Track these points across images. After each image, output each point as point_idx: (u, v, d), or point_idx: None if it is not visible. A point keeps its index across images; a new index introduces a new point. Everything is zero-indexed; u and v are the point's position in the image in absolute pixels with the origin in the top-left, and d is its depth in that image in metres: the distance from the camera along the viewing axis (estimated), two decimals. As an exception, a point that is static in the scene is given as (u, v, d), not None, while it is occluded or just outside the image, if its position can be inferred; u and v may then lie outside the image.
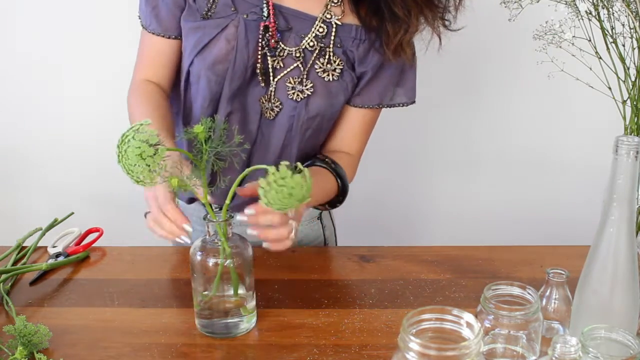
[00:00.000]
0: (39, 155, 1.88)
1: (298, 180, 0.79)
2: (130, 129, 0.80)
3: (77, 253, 1.17)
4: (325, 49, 1.09)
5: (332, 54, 1.10)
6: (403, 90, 1.18)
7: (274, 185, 0.78)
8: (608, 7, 1.03)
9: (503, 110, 1.84)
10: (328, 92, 1.11)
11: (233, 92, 1.09)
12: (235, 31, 1.06)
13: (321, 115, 1.13)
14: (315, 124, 1.13)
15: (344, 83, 1.12)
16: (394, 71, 1.15)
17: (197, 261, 0.91)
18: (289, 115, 1.11)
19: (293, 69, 1.09)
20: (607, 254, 0.78)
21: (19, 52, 1.82)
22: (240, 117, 1.12)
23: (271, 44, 1.07)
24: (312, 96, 1.10)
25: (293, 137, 1.13)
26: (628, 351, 0.70)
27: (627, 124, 1.05)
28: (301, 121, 1.12)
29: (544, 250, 1.17)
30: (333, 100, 1.12)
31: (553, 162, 1.88)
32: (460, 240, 1.35)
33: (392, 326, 0.95)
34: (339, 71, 1.10)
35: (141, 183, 0.81)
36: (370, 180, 1.88)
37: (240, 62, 1.07)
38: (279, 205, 0.80)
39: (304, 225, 1.26)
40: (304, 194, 0.80)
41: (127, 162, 0.79)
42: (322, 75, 1.10)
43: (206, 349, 0.91)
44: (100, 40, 1.78)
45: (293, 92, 1.09)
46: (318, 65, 1.09)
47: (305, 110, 1.10)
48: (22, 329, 0.87)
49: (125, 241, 1.23)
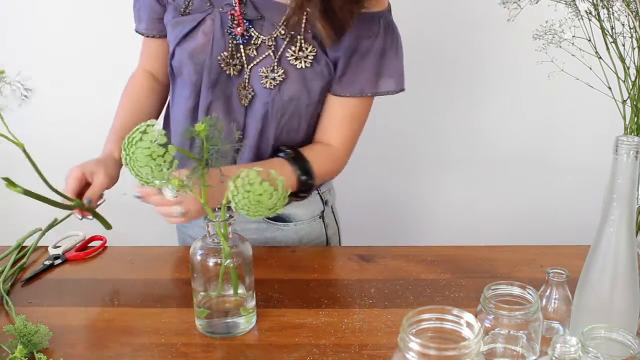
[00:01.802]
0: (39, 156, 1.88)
1: (266, 188, 0.77)
2: (135, 130, 0.79)
3: (77, 259, 1.17)
4: (296, 36, 1.10)
5: (304, 40, 1.10)
6: (388, 78, 1.15)
7: (241, 190, 0.77)
8: (608, 7, 1.03)
9: (503, 110, 1.84)
10: (302, 78, 1.11)
11: (212, 81, 1.13)
12: (212, 24, 1.12)
13: (296, 100, 1.13)
14: (291, 109, 1.14)
15: (319, 68, 1.12)
16: (373, 58, 1.13)
17: (197, 261, 0.91)
18: (263, 102, 1.12)
19: (265, 57, 1.11)
20: (607, 254, 0.78)
21: (19, 52, 1.82)
22: (222, 106, 1.14)
23: (237, 32, 1.10)
24: (285, 82, 1.11)
25: (269, 123, 1.14)
26: (628, 351, 0.70)
27: (627, 124, 1.05)
28: (276, 107, 1.12)
29: (544, 250, 1.17)
30: (308, 85, 1.12)
31: (553, 162, 1.88)
32: (460, 240, 1.35)
33: (392, 326, 0.95)
34: (312, 57, 1.10)
35: (151, 184, 0.81)
36: (371, 180, 1.88)
37: (217, 53, 1.12)
38: (247, 210, 0.78)
39: (305, 224, 1.26)
40: (274, 203, 0.78)
41: (136, 164, 0.79)
42: (294, 62, 1.10)
43: (206, 349, 0.91)
44: (101, 40, 1.79)
45: (266, 80, 1.11)
46: (289, 53, 1.10)
47: (279, 96, 1.11)
48: (22, 328, 0.87)
49: (125, 241, 1.23)
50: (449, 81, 1.82)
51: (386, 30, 1.12)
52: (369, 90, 1.15)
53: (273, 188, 0.78)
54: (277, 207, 0.79)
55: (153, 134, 0.78)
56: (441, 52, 1.79)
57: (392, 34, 1.13)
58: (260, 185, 0.77)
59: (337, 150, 1.20)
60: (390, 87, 1.16)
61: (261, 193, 0.77)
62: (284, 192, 0.79)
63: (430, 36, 1.74)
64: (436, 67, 1.80)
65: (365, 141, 1.23)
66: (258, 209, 0.78)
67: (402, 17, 1.17)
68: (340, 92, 1.15)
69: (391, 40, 1.13)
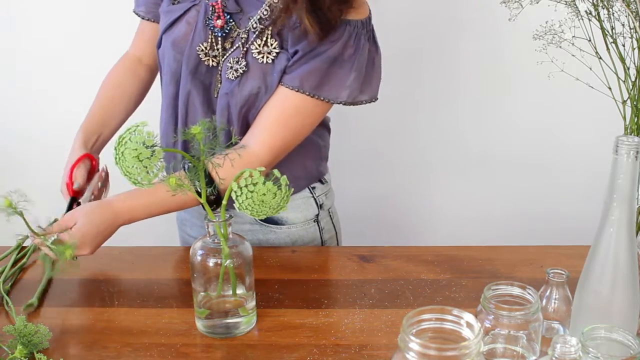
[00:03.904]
0: (39, 155, 1.88)
1: (270, 187, 0.77)
2: (126, 130, 0.80)
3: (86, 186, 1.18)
4: (265, 30, 1.11)
5: (270, 36, 1.11)
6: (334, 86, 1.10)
7: (245, 190, 0.77)
8: (608, 7, 1.03)
9: (503, 110, 1.84)
10: (261, 73, 1.12)
11: (191, 70, 1.15)
12: (197, 14, 1.14)
13: (255, 95, 1.13)
14: (250, 101, 1.13)
15: (279, 65, 1.11)
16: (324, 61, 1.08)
17: (197, 261, 0.91)
18: (224, 92, 1.14)
19: (235, 50, 1.13)
20: (607, 254, 0.78)
21: (19, 53, 1.82)
22: (201, 95, 1.16)
23: (216, 24, 1.12)
24: (245, 75, 1.12)
25: (231, 114, 1.15)
26: (628, 351, 0.70)
27: (627, 124, 1.05)
28: (236, 99, 1.13)
29: (544, 250, 1.17)
30: (267, 79, 1.12)
31: (553, 162, 1.88)
32: (460, 240, 1.35)
33: (392, 326, 0.95)
34: (275, 54, 1.11)
35: (139, 184, 0.81)
36: (371, 181, 1.88)
37: (197, 43, 1.14)
38: (251, 210, 0.78)
39: (298, 227, 1.26)
40: (278, 202, 0.79)
41: (125, 163, 0.79)
42: (256, 56, 1.12)
43: (206, 349, 0.91)
44: (99, 40, 1.78)
45: (230, 71, 1.12)
46: (254, 46, 1.12)
47: (238, 88, 1.12)
48: (22, 329, 0.87)
49: (125, 241, 1.23)
50: (449, 81, 1.82)
51: (348, 40, 1.08)
52: (307, 88, 1.09)
53: (276, 187, 0.78)
54: (281, 206, 0.79)
55: (142, 136, 0.78)
56: (441, 52, 1.79)
57: (354, 46, 1.09)
58: (264, 185, 0.77)
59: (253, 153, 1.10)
60: (332, 95, 1.10)
61: (265, 193, 0.77)
62: (287, 191, 0.79)
63: (429, 36, 1.74)
64: (436, 67, 1.80)
65: (366, 142, 1.24)
66: (262, 209, 0.78)
67: (402, 17, 1.17)
68: (284, 81, 1.11)
69: (352, 51, 1.08)
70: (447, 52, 1.80)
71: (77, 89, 1.84)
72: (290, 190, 0.81)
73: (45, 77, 1.84)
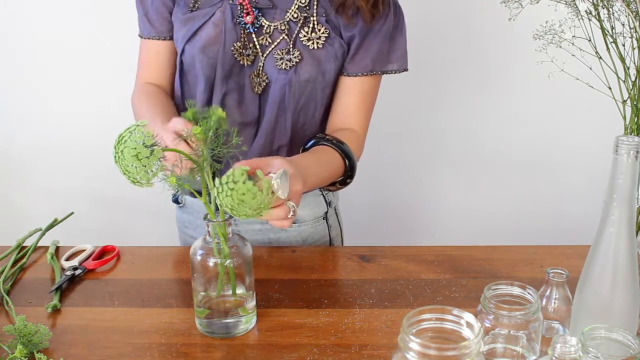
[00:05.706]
0: (39, 156, 1.88)
1: (250, 188, 0.75)
2: (126, 129, 0.80)
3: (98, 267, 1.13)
4: (309, 18, 1.12)
5: (316, 22, 1.12)
6: (395, 57, 1.19)
7: (225, 187, 0.76)
8: (608, 7, 1.03)
9: (503, 110, 1.85)
10: (316, 59, 1.13)
11: (226, 73, 1.14)
12: (222, 15, 1.13)
13: (312, 82, 1.14)
14: (307, 91, 1.15)
15: (332, 50, 1.14)
16: (384, 36, 1.16)
17: (197, 261, 0.91)
18: (279, 86, 1.13)
19: (280, 42, 1.13)
20: (607, 254, 0.78)
21: (19, 54, 1.82)
22: (236, 96, 1.15)
23: (246, 20, 1.12)
24: (300, 63, 1.12)
25: (285, 108, 1.15)
26: (628, 351, 0.70)
27: (627, 124, 1.05)
28: (294, 89, 1.13)
29: (544, 250, 1.17)
30: (322, 67, 1.14)
31: (553, 162, 1.88)
32: (461, 240, 1.35)
33: (392, 326, 0.95)
34: (324, 39, 1.12)
35: (138, 184, 0.81)
36: (371, 180, 1.88)
37: (230, 43, 1.12)
38: (230, 209, 0.77)
39: (309, 224, 1.26)
40: (259, 204, 0.77)
41: (124, 162, 0.79)
42: (307, 43, 1.12)
43: (206, 349, 0.91)
44: (100, 41, 1.79)
45: (281, 62, 1.12)
46: (302, 34, 1.12)
47: (295, 77, 1.12)
48: (22, 329, 0.87)
49: (125, 241, 1.23)
50: (449, 82, 1.82)
51: (395, 10, 1.16)
52: (379, 67, 1.18)
53: (257, 189, 0.76)
54: (262, 208, 0.78)
55: (141, 135, 0.78)
56: (441, 52, 1.79)
57: (399, 14, 1.17)
58: (244, 185, 0.75)
59: (359, 134, 1.21)
60: (395, 66, 1.19)
61: (244, 192, 0.75)
62: (269, 194, 0.78)
63: (430, 36, 1.74)
64: (436, 67, 1.80)
65: (367, 141, 1.23)
66: (241, 209, 0.76)
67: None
68: (353, 71, 1.17)
69: (398, 20, 1.16)
70: (447, 52, 1.80)
71: (77, 89, 1.85)
72: (274, 196, 0.80)
73: (45, 76, 1.84)
